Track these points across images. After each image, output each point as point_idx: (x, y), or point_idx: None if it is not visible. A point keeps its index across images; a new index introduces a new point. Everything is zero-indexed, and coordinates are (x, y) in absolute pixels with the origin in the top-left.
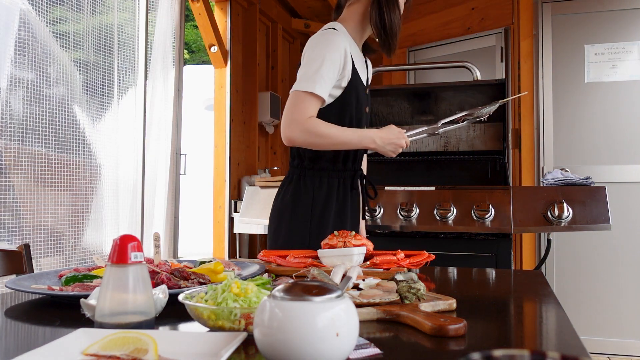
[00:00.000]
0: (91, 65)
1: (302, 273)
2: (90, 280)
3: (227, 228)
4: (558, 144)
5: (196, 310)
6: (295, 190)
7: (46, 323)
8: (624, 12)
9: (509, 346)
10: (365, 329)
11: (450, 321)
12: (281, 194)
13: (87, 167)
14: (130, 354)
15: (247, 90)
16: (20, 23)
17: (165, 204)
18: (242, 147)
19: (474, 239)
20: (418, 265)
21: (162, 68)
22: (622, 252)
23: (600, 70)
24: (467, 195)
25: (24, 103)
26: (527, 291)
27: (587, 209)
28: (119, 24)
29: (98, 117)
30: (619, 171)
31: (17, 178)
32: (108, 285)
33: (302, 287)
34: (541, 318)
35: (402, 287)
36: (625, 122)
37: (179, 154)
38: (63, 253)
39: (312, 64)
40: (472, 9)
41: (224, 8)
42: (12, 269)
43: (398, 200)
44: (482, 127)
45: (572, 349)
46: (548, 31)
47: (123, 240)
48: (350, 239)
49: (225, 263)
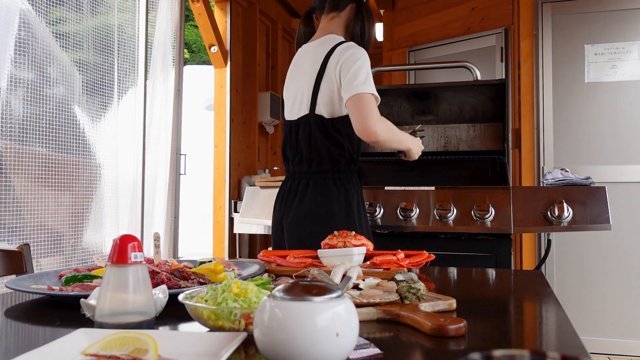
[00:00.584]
0: (91, 66)
1: (302, 273)
2: (90, 280)
3: (227, 228)
4: (558, 144)
5: (196, 310)
6: (338, 193)
7: (46, 323)
8: (624, 12)
9: (509, 346)
10: (365, 329)
11: (450, 321)
12: (315, 199)
13: (87, 167)
14: (130, 354)
15: (247, 90)
16: (20, 23)
17: (165, 204)
18: (242, 147)
19: (474, 239)
20: (418, 265)
21: (162, 68)
22: (622, 252)
23: (600, 70)
24: (467, 195)
25: (24, 103)
26: (527, 291)
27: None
28: (119, 24)
29: (98, 117)
30: (619, 171)
31: (17, 178)
32: (108, 285)
33: (302, 287)
34: (541, 318)
35: (402, 287)
36: (626, 122)
37: (179, 154)
38: (63, 253)
39: (361, 70)
40: (472, 9)
41: (224, 8)
42: (12, 269)
43: (398, 200)
44: (482, 127)
45: (572, 349)
46: (548, 31)
47: (123, 240)
48: (350, 239)
49: (225, 263)
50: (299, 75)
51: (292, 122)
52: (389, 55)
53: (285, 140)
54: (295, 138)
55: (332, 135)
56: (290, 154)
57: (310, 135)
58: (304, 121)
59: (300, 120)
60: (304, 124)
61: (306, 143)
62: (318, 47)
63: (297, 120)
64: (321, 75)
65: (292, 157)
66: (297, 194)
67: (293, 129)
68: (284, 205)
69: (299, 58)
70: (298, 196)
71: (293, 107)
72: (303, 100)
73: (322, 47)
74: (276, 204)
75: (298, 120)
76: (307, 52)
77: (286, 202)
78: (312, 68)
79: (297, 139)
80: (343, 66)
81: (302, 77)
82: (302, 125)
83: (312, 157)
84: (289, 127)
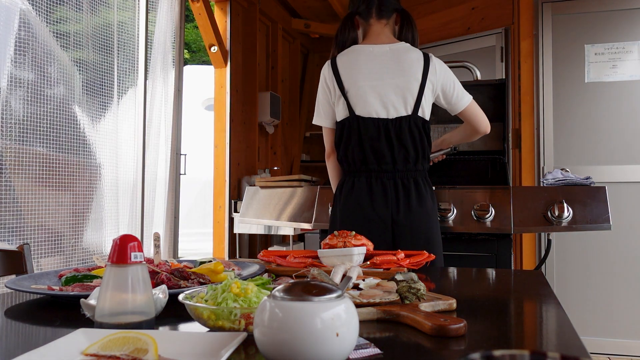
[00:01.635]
0: (91, 65)
1: (302, 273)
2: (90, 281)
3: (227, 228)
4: (558, 144)
5: (196, 310)
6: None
7: (46, 323)
8: (624, 12)
9: (509, 346)
10: (365, 329)
11: (451, 321)
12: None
13: (87, 167)
14: (130, 354)
15: (247, 90)
16: (20, 23)
17: (165, 204)
18: (242, 147)
19: (474, 239)
20: (418, 265)
21: (162, 68)
22: (623, 252)
23: (600, 70)
24: (467, 195)
25: (24, 103)
26: (527, 291)
27: (588, 209)
28: (119, 24)
29: (98, 117)
30: (620, 171)
31: (17, 178)
32: (108, 285)
33: (302, 287)
34: (541, 318)
35: (402, 287)
36: (626, 122)
37: (179, 154)
38: (63, 253)
39: (457, 81)
40: (472, 9)
41: (224, 8)
42: (12, 269)
43: None
44: None
45: (573, 349)
46: (548, 31)
47: (123, 240)
48: (350, 239)
49: (225, 263)
50: (380, 75)
51: (381, 120)
52: None
53: (371, 138)
54: (397, 136)
55: (429, 136)
56: (384, 152)
57: (417, 134)
58: (407, 121)
59: (400, 120)
60: (407, 124)
61: (411, 142)
62: (403, 54)
63: (394, 119)
64: (424, 81)
65: (382, 155)
66: (408, 191)
67: (389, 127)
68: (395, 204)
69: (365, 57)
70: (413, 193)
71: (378, 106)
72: (397, 101)
73: (407, 54)
74: (372, 202)
75: (396, 120)
76: (381, 54)
77: (396, 200)
78: (406, 72)
79: (400, 137)
80: (445, 79)
81: (389, 78)
82: (405, 124)
83: (418, 156)
84: (377, 126)
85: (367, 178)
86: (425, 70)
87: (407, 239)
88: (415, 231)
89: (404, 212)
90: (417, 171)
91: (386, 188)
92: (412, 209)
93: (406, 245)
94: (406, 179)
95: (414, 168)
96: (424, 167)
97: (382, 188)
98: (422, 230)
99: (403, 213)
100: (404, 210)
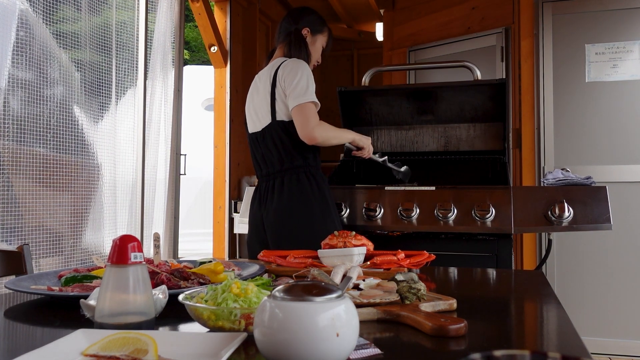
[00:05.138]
0: (91, 65)
1: (302, 273)
2: (89, 281)
3: (227, 228)
4: (559, 143)
5: (196, 311)
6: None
7: (46, 323)
8: (624, 12)
9: (509, 346)
10: (365, 329)
11: (451, 321)
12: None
13: (87, 167)
14: (130, 355)
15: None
16: (19, 23)
17: (165, 204)
18: (242, 147)
19: (475, 239)
20: (418, 265)
21: (161, 68)
22: (623, 252)
23: (600, 69)
24: (467, 195)
25: (24, 103)
26: (528, 291)
27: (588, 209)
28: (119, 24)
29: (97, 117)
30: (620, 171)
31: (17, 178)
32: (108, 286)
33: (302, 287)
34: (542, 318)
35: (402, 287)
36: (627, 122)
37: (179, 154)
38: (63, 253)
39: (301, 81)
40: (472, 9)
41: (224, 8)
42: (12, 270)
43: (398, 200)
44: (483, 126)
45: (573, 349)
46: (548, 31)
47: (123, 241)
48: (350, 239)
49: (225, 263)
50: (256, 94)
51: (256, 133)
52: (389, 55)
53: (254, 150)
54: (264, 145)
55: (295, 134)
56: (262, 160)
57: (279, 138)
58: (269, 128)
59: (265, 129)
60: (269, 131)
61: (275, 146)
62: (268, 70)
63: (262, 130)
64: (274, 89)
65: (263, 162)
66: (273, 192)
67: (259, 138)
68: (263, 204)
69: (254, 83)
70: (276, 193)
71: (255, 121)
72: (263, 113)
73: (271, 69)
74: (253, 204)
75: (263, 130)
76: (261, 76)
77: (265, 201)
78: (265, 85)
79: (267, 145)
80: (286, 79)
81: (258, 95)
82: (268, 132)
83: (283, 157)
84: (255, 138)
85: (258, 184)
86: (274, 78)
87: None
88: (271, 230)
89: (268, 212)
90: (285, 170)
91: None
92: (272, 208)
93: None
94: (273, 180)
95: (280, 169)
96: (294, 164)
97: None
98: (277, 229)
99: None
100: (268, 211)
